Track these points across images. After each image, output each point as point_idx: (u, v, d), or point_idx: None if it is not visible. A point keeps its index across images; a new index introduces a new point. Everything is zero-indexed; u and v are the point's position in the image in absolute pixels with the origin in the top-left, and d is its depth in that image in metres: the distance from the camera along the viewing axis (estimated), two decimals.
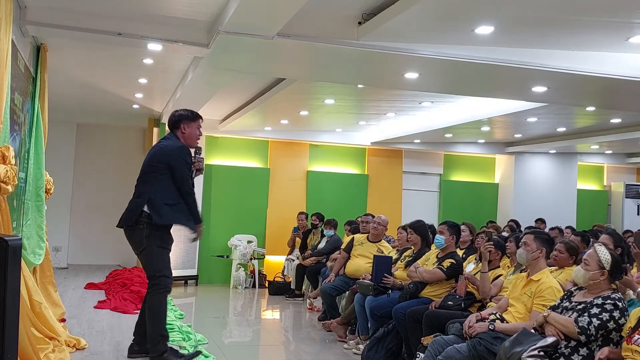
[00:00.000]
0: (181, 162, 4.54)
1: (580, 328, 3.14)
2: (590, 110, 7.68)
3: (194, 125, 4.69)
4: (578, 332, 3.14)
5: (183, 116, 4.68)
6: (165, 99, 8.07)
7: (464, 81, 5.95)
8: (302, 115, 8.76)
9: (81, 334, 5.22)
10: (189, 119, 4.68)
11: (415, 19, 4.25)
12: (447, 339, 3.97)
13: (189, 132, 4.68)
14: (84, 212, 10.09)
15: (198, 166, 4.78)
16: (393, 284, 5.43)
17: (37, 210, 5.12)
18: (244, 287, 9.50)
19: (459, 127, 8.91)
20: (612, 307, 3.16)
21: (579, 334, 3.14)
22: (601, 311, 3.15)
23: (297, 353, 5.80)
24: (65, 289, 7.61)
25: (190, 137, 4.69)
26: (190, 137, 4.69)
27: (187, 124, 4.67)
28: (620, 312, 3.15)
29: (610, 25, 4.51)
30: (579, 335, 3.15)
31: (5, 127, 3.82)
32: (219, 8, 4.47)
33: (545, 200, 11.31)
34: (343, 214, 9.24)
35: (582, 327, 3.14)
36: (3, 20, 3.69)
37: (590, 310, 3.19)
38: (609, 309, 3.15)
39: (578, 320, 3.17)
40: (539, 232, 4.35)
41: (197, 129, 4.71)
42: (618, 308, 3.16)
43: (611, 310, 3.15)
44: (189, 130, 4.67)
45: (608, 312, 3.14)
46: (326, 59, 5.23)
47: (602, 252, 3.34)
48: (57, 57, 5.84)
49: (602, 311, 3.15)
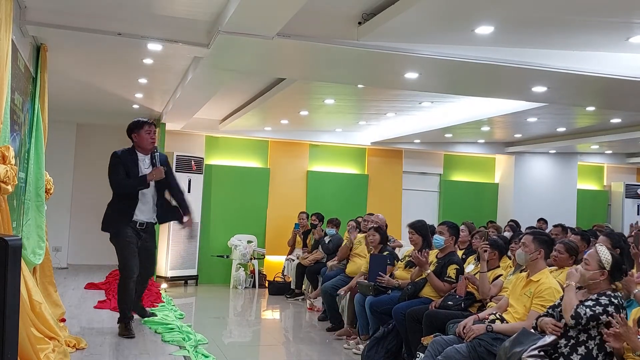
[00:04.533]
0: (109, 166, 5.32)
1: (575, 313, 3.17)
2: (590, 110, 7.68)
3: (142, 131, 5.37)
4: (572, 315, 3.17)
5: (130, 129, 5.42)
6: (165, 99, 8.06)
7: (464, 81, 5.95)
8: (302, 115, 8.76)
9: (81, 334, 5.22)
10: (136, 128, 5.39)
11: (415, 19, 4.24)
12: (447, 339, 3.97)
13: (139, 139, 5.39)
14: (84, 212, 10.06)
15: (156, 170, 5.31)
16: (387, 283, 5.43)
17: (37, 210, 5.11)
18: (244, 287, 9.51)
19: (459, 127, 8.91)
20: (607, 302, 3.18)
21: (571, 317, 3.17)
22: (595, 304, 3.18)
23: (297, 353, 5.81)
24: (65, 289, 7.60)
25: (142, 143, 5.38)
26: (141, 143, 5.38)
27: (136, 133, 5.38)
28: (615, 308, 3.16)
29: (610, 25, 4.50)
30: (571, 320, 3.17)
31: (5, 127, 3.81)
32: (219, 8, 4.46)
33: (545, 200, 11.31)
34: (343, 214, 9.24)
35: (576, 313, 3.17)
36: (3, 20, 3.68)
37: (586, 302, 3.22)
38: (604, 303, 3.18)
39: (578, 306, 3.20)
40: (538, 232, 4.35)
41: (147, 134, 5.37)
42: (613, 304, 3.17)
43: (606, 305, 3.17)
44: (139, 138, 5.39)
45: (602, 306, 3.17)
46: (326, 59, 5.23)
47: (602, 252, 3.35)
48: (57, 57, 5.83)
49: (596, 304, 3.18)
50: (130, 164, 5.31)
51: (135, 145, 5.40)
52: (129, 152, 5.40)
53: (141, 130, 5.37)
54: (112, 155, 5.36)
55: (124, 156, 5.33)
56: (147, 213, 5.42)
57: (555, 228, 7.27)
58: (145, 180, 5.25)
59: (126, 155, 5.35)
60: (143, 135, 5.37)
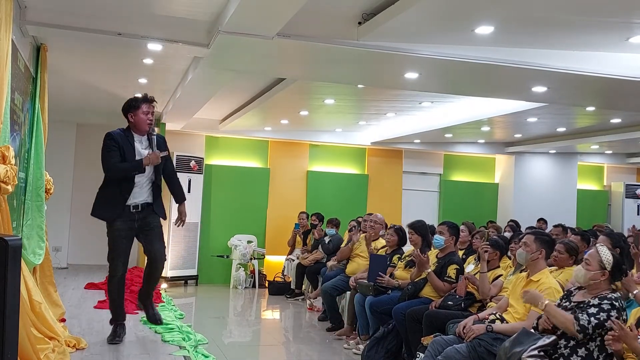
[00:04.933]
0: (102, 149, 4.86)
1: (580, 326, 3.14)
2: (590, 110, 7.68)
3: (139, 112, 4.90)
4: (577, 330, 3.15)
5: (126, 108, 4.96)
6: (165, 99, 8.06)
7: (464, 81, 5.95)
8: (302, 115, 8.76)
9: (81, 334, 5.22)
10: (133, 107, 4.92)
11: (415, 19, 4.24)
12: (447, 339, 3.97)
13: (135, 120, 4.92)
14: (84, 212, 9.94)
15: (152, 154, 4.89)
16: (387, 283, 5.43)
17: (37, 210, 5.11)
18: (244, 287, 9.51)
19: (459, 127, 8.91)
20: (609, 307, 3.17)
21: (578, 332, 3.15)
22: (599, 311, 3.16)
23: (297, 353, 5.81)
24: (65, 289, 7.60)
25: (139, 124, 4.92)
26: (138, 124, 4.92)
27: (132, 113, 4.91)
28: (617, 311, 3.16)
29: (610, 25, 4.50)
30: (578, 334, 3.15)
31: (5, 127, 3.81)
32: (219, 8, 4.46)
33: (545, 200, 11.31)
34: (343, 214, 9.24)
35: (582, 326, 3.14)
36: (3, 20, 3.68)
37: (589, 310, 3.19)
38: (607, 308, 3.16)
39: (579, 318, 3.17)
40: (539, 232, 4.34)
41: (144, 114, 4.90)
42: (615, 308, 3.17)
43: (608, 310, 3.16)
44: (135, 118, 4.91)
45: (605, 311, 3.15)
46: (326, 59, 5.23)
47: (603, 253, 3.35)
48: (57, 57, 5.83)
49: (599, 311, 3.16)
50: (126, 145, 4.84)
51: (131, 125, 4.94)
52: (124, 133, 4.92)
53: (138, 111, 4.88)
54: (106, 136, 4.86)
55: (119, 137, 4.85)
56: (142, 195, 4.94)
57: (556, 228, 7.27)
58: (141, 164, 4.82)
59: (122, 137, 4.87)
60: (140, 115, 4.88)
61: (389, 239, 6.09)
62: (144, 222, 4.96)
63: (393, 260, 5.84)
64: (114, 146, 4.81)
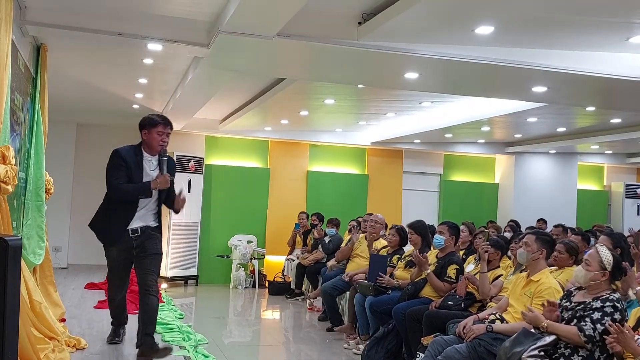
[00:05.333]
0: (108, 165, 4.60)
1: (587, 337, 3.14)
2: (590, 110, 7.68)
3: (154, 131, 4.61)
4: (585, 340, 3.14)
5: (142, 124, 4.67)
6: (165, 99, 8.06)
7: (464, 81, 5.95)
8: (302, 115, 8.76)
9: (81, 334, 5.22)
10: (148, 125, 4.63)
11: (415, 19, 4.24)
12: (447, 339, 3.97)
13: (148, 138, 4.63)
14: (84, 212, 9.97)
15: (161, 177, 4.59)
16: (388, 283, 5.43)
17: (37, 210, 5.11)
18: (244, 287, 9.51)
19: (459, 127, 8.91)
20: (612, 310, 3.16)
21: (585, 342, 3.14)
22: (602, 315, 3.15)
23: (297, 353, 5.81)
24: (65, 289, 7.60)
25: (151, 142, 4.63)
26: (150, 142, 4.63)
27: (147, 130, 4.64)
28: (620, 313, 3.16)
29: (610, 25, 4.50)
30: (586, 344, 3.15)
31: (5, 127, 3.81)
32: (219, 8, 4.46)
33: (545, 201, 11.31)
34: (343, 214, 9.24)
35: (588, 336, 3.14)
36: (3, 20, 3.68)
37: (592, 315, 3.18)
38: (609, 312, 3.15)
39: (583, 329, 3.15)
40: (540, 232, 4.34)
41: (158, 135, 4.61)
42: (617, 309, 3.17)
43: (612, 313, 3.15)
44: (149, 136, 4.63)
45: (609, 315, 3.14)
46: (326, 59, 5.23)
47: (604, 253, 3.34)
48: (57, 57, 5.83)
49: (603, 315, 3.15)
50: (134, 165, 4.57)
51: (143, 143, 4.67)
52: (134, 151, 4.65)
53: (153, 130, 4.60)
54: (113, 153, 4.61)
55: (127, 156, 4.58)
56: (146, 219, 4.68)
57: (556, 228, 7.27)
58: (148, 188, 4.54)
59: (130, 155, 4.60)
60: (154, 135, 4.60)
61: (391, 239, 6.09)
62: (141, 247, 4.64)
63: (392, 260, 5.84)
64: (122, 165, 4.55)
